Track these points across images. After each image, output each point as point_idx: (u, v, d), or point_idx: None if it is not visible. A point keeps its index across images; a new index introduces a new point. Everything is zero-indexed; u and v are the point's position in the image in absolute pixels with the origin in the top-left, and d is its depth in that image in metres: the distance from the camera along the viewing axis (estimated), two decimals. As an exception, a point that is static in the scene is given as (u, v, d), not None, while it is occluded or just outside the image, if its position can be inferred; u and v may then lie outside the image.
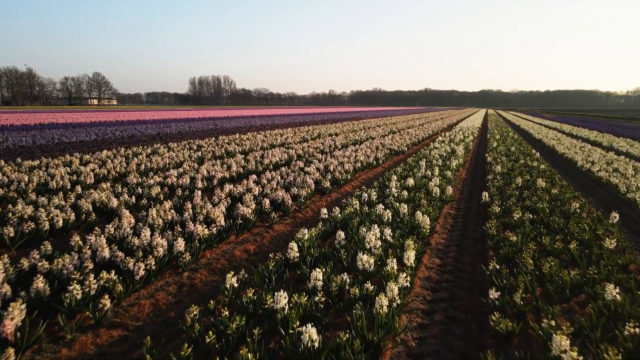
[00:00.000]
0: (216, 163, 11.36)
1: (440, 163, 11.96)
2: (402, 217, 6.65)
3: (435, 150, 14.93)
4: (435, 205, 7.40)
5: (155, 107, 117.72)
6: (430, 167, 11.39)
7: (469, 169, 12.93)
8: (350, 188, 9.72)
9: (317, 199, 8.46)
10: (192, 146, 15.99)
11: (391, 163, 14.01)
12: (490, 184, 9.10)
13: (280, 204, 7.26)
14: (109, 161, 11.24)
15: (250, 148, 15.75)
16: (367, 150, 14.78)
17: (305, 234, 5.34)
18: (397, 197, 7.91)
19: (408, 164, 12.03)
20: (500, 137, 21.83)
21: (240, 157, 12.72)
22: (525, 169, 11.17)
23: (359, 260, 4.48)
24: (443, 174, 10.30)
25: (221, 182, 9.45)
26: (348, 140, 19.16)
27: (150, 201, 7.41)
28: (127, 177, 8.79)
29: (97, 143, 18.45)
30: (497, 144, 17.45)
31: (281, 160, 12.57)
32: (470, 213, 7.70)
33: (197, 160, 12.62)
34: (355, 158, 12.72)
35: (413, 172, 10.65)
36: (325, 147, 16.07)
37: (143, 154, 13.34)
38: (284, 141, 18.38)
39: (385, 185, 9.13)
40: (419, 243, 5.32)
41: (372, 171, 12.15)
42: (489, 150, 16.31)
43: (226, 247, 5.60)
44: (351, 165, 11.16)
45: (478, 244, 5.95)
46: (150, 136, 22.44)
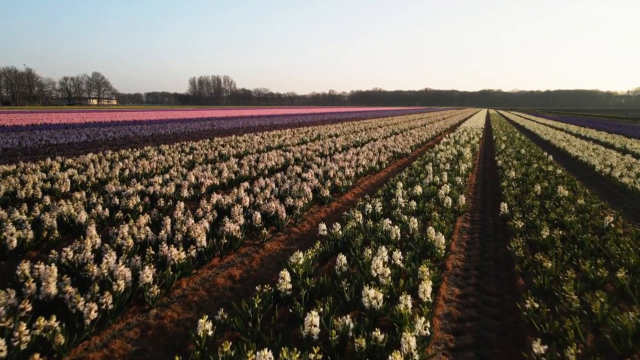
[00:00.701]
0: (207, 168, 10.53)
1: (447, 167, 11.14)
2: (412, 233, 5.83)
3: (441, 152, 14.10)
4: (447, 217, 6.57)
5: (154, 107, 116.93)
6: (438, 172, 10.56)
7: (478, 174, 12.09)
8: (352, 196, 8.89)
9: (316, 209, 7.63)
10: (185, 148, 15.16)
11: (395, 167, 13.17)
12: (506, 192, 8.27)
13: (273, 217, 6.43)
14: (92, 166, 10.41)
15: (246, 150, 14.91)
16: (369, 153, 13.95)
17: (300, 258, 4.51)
18: (405, 208, 7.08)
19: (414, 169, 11.20)
20: (507, 138, 20.99)
21: (234, 160, 11.89)
22: (541, 174, 10.34)
23: (364, 296, 3.65)
24: (452, 180, 9.47)
25: (210, 190, 8.62)
26: (349, 142, 18.32)
27: (127, 214, 6.58)
28: (106, 185, 7.97)
29: (86, 145, 17.63)
30: (505, 146, 16.61)
31: (277, 164, 11.74)
32: (486, 226, 6.86)
33: (188, 165, 11.79)
34: (357, 162, 11.89)
35: (419, 178, 9.82)
36: (325, 149, 15.24)
37: (130, 158, 12.52)
38: (281, 143, 17.55)
39: (390, 193, 8.30)
40: (435, 269, 4.48)
41: (375, 176, 11.32)
42: (498, 153, 15.48)
43: (207, 272, 4.77)
44: (352, 170, 10.33)
45: (501, 266, 5.11)
46: (143, 137, 21.61)
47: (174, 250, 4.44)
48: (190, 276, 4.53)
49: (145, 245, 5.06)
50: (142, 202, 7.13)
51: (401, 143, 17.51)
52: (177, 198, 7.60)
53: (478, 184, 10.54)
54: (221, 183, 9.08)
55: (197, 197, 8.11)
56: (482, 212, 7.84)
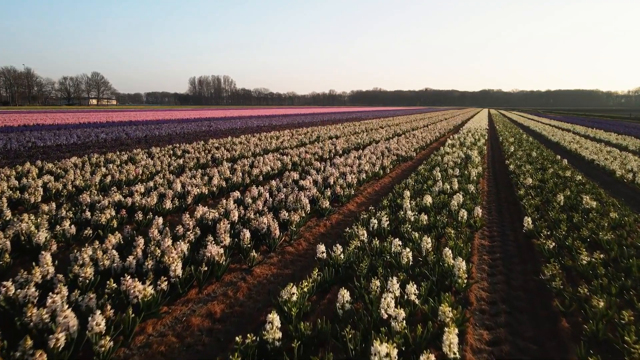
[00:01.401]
0: (196, 174, 9.71)
1: (457, 173, 10.32)
2: (426, 255, 5.01)
3: (448, 156, 13.28)
4: (464, 234, 5.76)
5: (152, 107, 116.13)
6: (447, 179, 9.74)
7: (489, 179, 11.27)
8: (354, 206, 8.07)
9: (314, 223, 6.81)
10: (177, 151, 14.35)
11: (399, 172, 12.35)
12: (526, 202, 7.44)
13: (265, 235, 5.61)
14: (72, 172, 9.60)
15: (241, 154, 14.10)
16: (371, 156, 13.14)
17: (292, 294, 3.69)
18: (414, 222, 6.27)
19: (420, 174, 10.39)
20: (514, 140, 20.17)
21: (227, 165, 11.07)
22: (559, 180, 9.52)
23: (373, 354, 2.84)
24: (464, 188, 8.65)
25: (197, 200, 7.80)
26: (350, 144, 17.50)
27: (97, 230, 5.76)
28: (81, 195, 7.15)
29: (74, 147, 16.81)
30: (515, 149, 15.78)
31: (273, 169, 10.92)
32: (507, 244, 6.04)
33: (177, 170, 10.97)
34: (359, 167, 11.07)
35: (427, 184, 9.01)
36: (325, 152, 14.43)
37: (116, 162, 11.71)
38: (279, 145, 16.73)
39: (396, 204, 7.48)
40: (458, 308, 3.67)
41: (378, 182, 10.50)
42: (507, 156, 14.66)
43: (181, 310, 3.95)
44: (354, 177, 9.51)
45: (534, 298, 4.29)
46: (136, 139, 20.80)
47: (138, 285, 3.62)
48: (158, 317, 3.71)
49: (108, 275, 4.24)
50: (118, 215, 6.31)
51: (404, 145, 16.70)
52: (158, 210, 6.78)
53: (490, 191, 9.72)
54: (210, 192, 8.26)
55: (182, 208, 7.28)
56: (499, 225, 7.02)
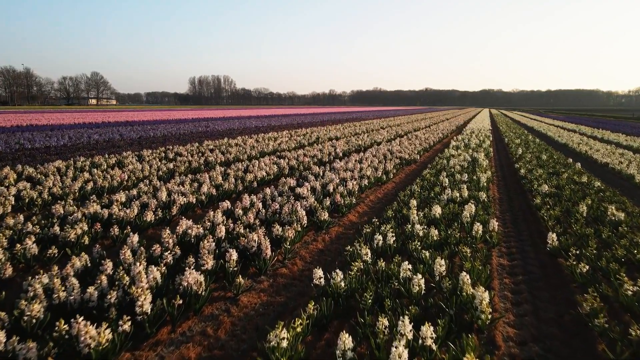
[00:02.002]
0: (186, 180, 9.03)
1: (465, 178, 9.64)
2: (439, 281, 4.34)
3: (453, 159, 12.61)
4: (481, 253, 5.08)
5: (151, 107, 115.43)
6: (455, 184, 9.07)
7: (499, 185, 10.59)
8: (355, 216, 7.39)
9: (311, 237, 6.13)
10: (169, 154, 13.66)
11: (403, 176, 11.66)
12: (544, 213, 6.76)
13: (255, 254, 4.93)
14: (51, 178, 8.92)
15: (236, 157, 13.41)
16: (373, 159, 12.45)
17: (282, 339, 3.02)
18: (423, 238, 5.59)
19: (426, 179, 9.71)
20: (520, 141, 19.49)
21: (220, 170, 10.40)
22: (576, 187, 8.85)
23: None
24: (474, 196, 7.98)
25: (184, 210, 7.11)
26: (350, 146, 16.81)
27: (65, 249, 5.08)
28: (54, 205, 6.46)
29: (63, 149, 16.12)
30: (522, 151, 15.10)
31: (269, 174, 10.23)
32: (529, 263, 5.35)
33: (165, 175, 10.28)
34: (360, 171, 10.39)
35: (434, 192, 8.33)
36: (324, 155, 13.74)
37: (103, 166, 11.03)
38: (276, 148, 16.04)
39: (402, 214, 6.80)
40: (482, 351, 2.99)
41: (381, 188, 9.81)
42: (516, 159, 13.99)
43: (148, 356, 3.26)
44: (356, 183, 8.83)
45: (572, 339, 3.61)
46: (129, 140, 20.11)
47: (91, 330, 2.94)
48: (117, 369, 3.03)
49: (63, 309, 3.56)
50: (92, 230, 5.63)
51: (407, 147, 16.01)
52: (138, 224, 6.10)
53: (502, 199, 9.04)
54: (199, 201, 7.57)
55: (166, 219, 6.60)
56: (517, 239, 6.33)
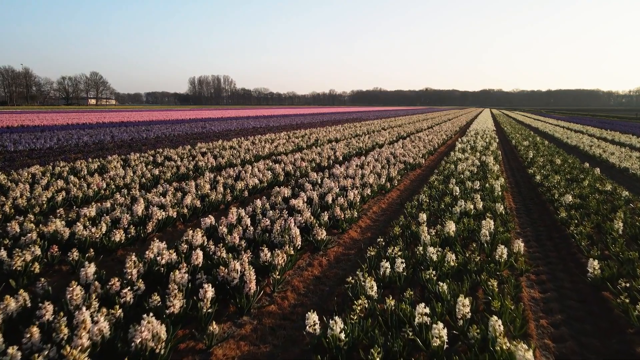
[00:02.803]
0: (170, 189, 8.17)
1: (477, 186, 8.79)
2: (464, 327, 3.49)
3: (461, 163, 11.76)
4: (509, 285, 4.23)
5: (150, 107, 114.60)
6: (466, 193, 8.22)
7: (513, 193, 9.73)
8: (357, 232, 6.53)
9: (306, 261, 5.27)
10: (158, 158, 12.79)
11: (408, 183, 10.80)
12: (574, 230, 5.90)
13: (237, 288, 4.08)
14: (21, 186, 8.07)
15: (228, 161, 12.55)
16: (375, 164, 11.59)
17: None
18: (438, 263, 4.74)
19: (434, 187, 8.86)
20: (528, 143, 18.62)
21: (210, 176, 9.55)
22: (601, 196, 8.00)
23: None
24: (490, 207, 7.13)
25: (162, 226, 6.24)
26: (351, 149, 15.95)
27: (8, 280, 4.22)
28: (10, 223, 5.60)
29: (48, 152, 15.26)
30: (533, 155, 14.23)
31: (262, 182, 9.37)
32: (566, 297, 4.49)
33: (149, 183, 9.42)
34: (362, 178, 9.53)
35: (445, 202, 7.48)
36: (323, 159, 12.88)
37: (83, 172, 10.17)
38: (272, 150, 15.17)
39: (411, 232, 5.95)
40: None
41: (385, 198, 8.95)
42: (527, 163, 13.13)
43: None
44: (357, 193, 7.96)
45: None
46: (120, 142, 19.26)
47: None
48: None
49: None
50: (47, 254, 4.78)
51: (411, 150, 15.14)
52: (105, 245, 5.24)
53: (519, 209, 8.18)
54: (180, 214, 6.70)
55: (140, 237, 5.74)
56: (544, 260, 5.48)
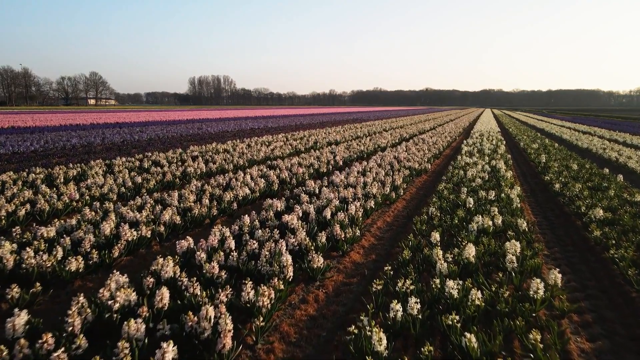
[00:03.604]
0: (149, 201, 7.29)
1: (492, 196, 7.91)
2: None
3: (470, 168, 10.89)
4: (552, 334, 3.36)
5: (149, 108, 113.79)
6: (481, 205, 7.35)
7: (530, 202, 8.86)
8: (360, 254, 5.65)
9: (299, 295, 4.39)
10: (145, 163, 11.93)
11: (414, 191, 9.91)
12: (614, 254, 5.03)
13: (208, 342, 3.20)
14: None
15: (220, 166, 11.67)
16: (378, 170, 10.72)
17: None
18: (460, 303, 3.87)
19: (443, 197, 8.00)
20: (537, 146, 17.74)
21: (197, 185, 8.68)
22: (632, 208, 7.13)
23: None
24: (510, 223, 6.26)
25: (131, 249, 5.36)
26: (351, 152, 15.07)
27: None
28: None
29: (29, 156, 14.37)
30: (546, 159, 13.35)
31: (253, 192, 8.49)
32: (621, 347, 3.61)
33: (130, 192, 8.54)
34: (365, 187, 8.66)
35: (458, 216, 6.61)
36: (322, 164, 12.01)
37: (60, 179, 9.31)
38: (268, 154, 14.30)
39: (423, 255, 5.08)
40: None
41: (390, 210, 8.07)
42: (541, 168, 12.25)
43: None
44: (360, 205, 7.08)
45: None
46: (110, 145, 18.40)
47: None
48: None
49: None
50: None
51: (415, 154, 14.27)
52: (59, 274, 4.36)
53: (541, 223, 7.30)
54: (156, 233, 5.81)
55: (104, 264, 4.87)
56: (585, 294, 4.58)
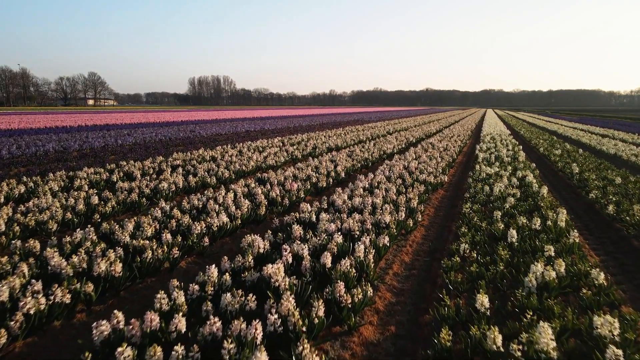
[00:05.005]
0: (90, 237, 5.55)
1: (537, 225, 6.18)
2: None
3: (495, 183, 9.18)
4: None
5: (146, 108, 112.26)
6: (524, 237, 5.63)
7: (581, 230, 7.11)
8: (373, 328, 3.90)
9: None
10: (115, 175, 10.17)
11: (432, 212, 8.15)
12: None
13: None
14: None
15: (201, 180, 9.92)
16: (387, 184, 9.00)
17: None
18: None
19: (473, 225, 6.29)
20: (560, 152, 15.99)
21: (164, 208, 6.96)
22: None
23: None
24: (579, 273, 4.53)
25: (37, 327, 3.64)
26: (355, 160, 13.32)
27: None
28: None
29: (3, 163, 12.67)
30: (580, 169, 11.59)
31: (234, 219, 6.74)
32: None
33: (76, 220, 6.79)
34: (374, 213, 6.92)
35: (501, 258, 4.89)
36: (321, 176, 10.27)
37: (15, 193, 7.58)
38: (260, 163, 12.56)
39: (470, 339, 3.35)
40: None
41: (407, 244, 6.31)
42: (577, 181, 10.50)
43: None
44: (370, 244, 5.34)
45: None
46: (89, 151, 16.68)
47: None
48: None
49: None
50: None
51: (427, 163, 12.51)
52: None
53: (606, 262, 5.55)
54: (82, 296, 4.07)
55: None
56: None
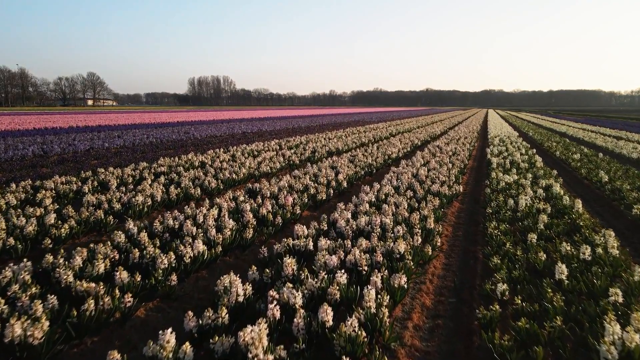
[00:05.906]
0: (22, 276, 4.37)
1: (587, 254, 4.99)
2: None
3: (520, 195, 7.99)
4: None
5: (144, 108, 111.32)
6: (573, 272, 4.46)
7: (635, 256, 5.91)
8: None
9: None
10: (88, 185, 8.99)
11: (450, 232, 6.94)
12: None
13: None
14: None
15: (183, 191, 8.72)
16: (396, 198, 7.82)
17: None
18: None
19: (502, 251, 5.10)
20: (579, 157, 14.78)
21: (132, 228, 5.77)
22: None
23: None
24: None
25: None
26: (357, 166, 12.12)
27: None
28: None
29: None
30: (610, 177, 10.39)
31: (213, 247, 5.55)
32: None
33: (20, 245, 5.59)
34: (384, 237, 5.74)
35: (554, 310, 3.71)
36: (320, 186, 9.08)
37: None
38: (253, 170, 11.38)
39: None
40: None
41: (427, 279, 5.09)
42: (609, 192, 9.30)
43: None
44: (382, 288, 4.15)
45: None
46: (71, 155, 15.48)
47: None
48: None
49: None
50: None
51: (437, 169, 11.31)
52: None
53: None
54: None
55: None
56: None
